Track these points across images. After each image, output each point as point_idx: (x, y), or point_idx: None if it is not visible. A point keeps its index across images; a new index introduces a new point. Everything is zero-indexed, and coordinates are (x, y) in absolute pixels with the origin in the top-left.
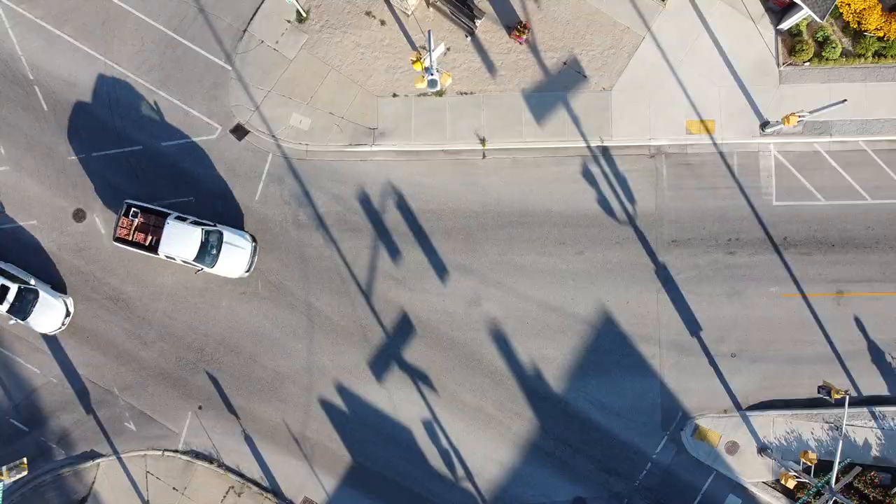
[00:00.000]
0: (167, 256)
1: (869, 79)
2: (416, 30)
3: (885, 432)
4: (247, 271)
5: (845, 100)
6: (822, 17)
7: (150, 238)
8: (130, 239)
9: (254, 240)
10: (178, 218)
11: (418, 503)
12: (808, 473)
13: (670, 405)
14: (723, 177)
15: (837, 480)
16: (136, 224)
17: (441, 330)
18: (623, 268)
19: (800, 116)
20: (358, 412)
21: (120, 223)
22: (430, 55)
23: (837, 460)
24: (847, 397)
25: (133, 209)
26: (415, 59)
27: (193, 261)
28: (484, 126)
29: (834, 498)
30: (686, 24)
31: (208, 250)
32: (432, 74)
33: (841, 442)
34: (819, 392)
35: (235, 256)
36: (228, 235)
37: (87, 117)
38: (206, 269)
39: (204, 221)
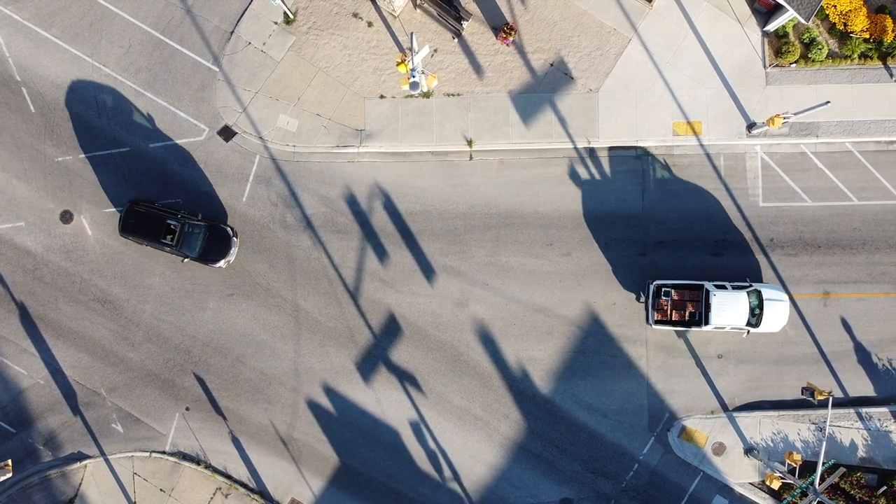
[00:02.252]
0: (716, 327)
1: (855, 80)
2: (402, 31)
3: (871, 433)
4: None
5: (828, 101)
6: (807, 19)
7: (686, 313)
8: (669, 319)
9: (787, 290)
10: (717, 286)
11: None
12: (794, 474)
13: (657, 406)
14: (709, 178)
15: (822, 481)
16: (669, 303)
17: (428, 331)
18: (610, 269)
19: (784, 118)
20: (345, 413)
21: (657, 307)
22: (412, 57)
23: (821, 461)
24: (831, 398)
25: (664, 289)
26: (400, 60)
27: (745, 325)
28: (471, 127)
29: (818, 499)
30: (672, 25)
31: (752, 311)
32: (415, 76)
33: (825, 443)
34: (803, 393)
35: (777, 312)
36: (766, 292)
37: (74, 119)
38: (752, 330)
39: (740, 283)
